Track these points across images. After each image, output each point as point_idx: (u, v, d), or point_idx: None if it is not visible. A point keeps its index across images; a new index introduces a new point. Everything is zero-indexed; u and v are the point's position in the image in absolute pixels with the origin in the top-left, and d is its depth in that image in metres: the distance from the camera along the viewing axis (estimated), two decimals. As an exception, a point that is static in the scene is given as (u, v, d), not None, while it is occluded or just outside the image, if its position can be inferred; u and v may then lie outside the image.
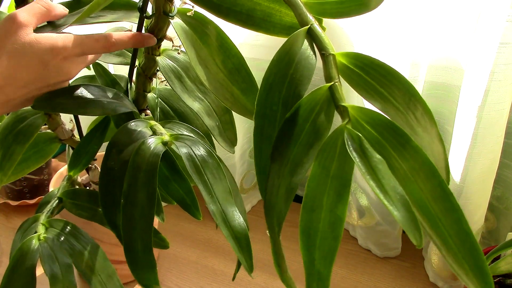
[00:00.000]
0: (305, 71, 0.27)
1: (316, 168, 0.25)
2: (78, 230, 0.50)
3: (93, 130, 0.55)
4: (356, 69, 0.27)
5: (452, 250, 0.26)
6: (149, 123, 0.45)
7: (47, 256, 0.46)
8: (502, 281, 0.59)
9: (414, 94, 0.28)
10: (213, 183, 0.37)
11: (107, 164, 0.41)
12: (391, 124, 0.26)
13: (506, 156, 0.69)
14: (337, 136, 0.25)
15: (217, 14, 0.39)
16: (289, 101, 0.27)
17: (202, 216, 0.50)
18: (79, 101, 0.43)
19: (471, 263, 0.25)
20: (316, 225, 0.25)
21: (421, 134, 0.29)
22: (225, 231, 0.35)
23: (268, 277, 0.73)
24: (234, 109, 0.46)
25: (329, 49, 0.27)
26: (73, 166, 0.58)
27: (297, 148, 0.26)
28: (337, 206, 0.25)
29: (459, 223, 0.26)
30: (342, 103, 0.26)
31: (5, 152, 0.52)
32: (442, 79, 0.65)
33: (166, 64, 0.48)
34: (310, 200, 0.26)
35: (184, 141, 0.40)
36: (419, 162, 0.26)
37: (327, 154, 0.25)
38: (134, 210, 0.38)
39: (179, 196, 0.50)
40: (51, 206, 0.53)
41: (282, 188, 0.27)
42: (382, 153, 0.25)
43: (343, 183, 0.25)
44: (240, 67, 0.47)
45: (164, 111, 0.53)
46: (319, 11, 0.31)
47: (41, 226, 0.49)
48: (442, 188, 0.26)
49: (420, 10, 0.58)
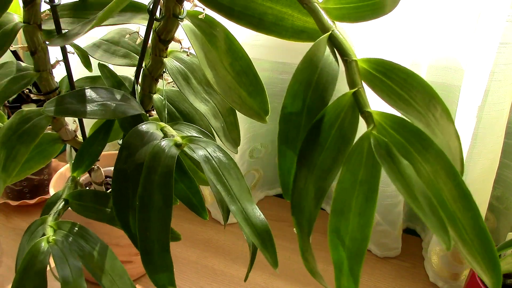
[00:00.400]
0: (329, 77, 0.28)
1: (345, 173, 0.26)
2: (86, 231, 0.50)
3: (97, 131, 0.55)
4: (378, 74, 0.28)
5: (467, 244, 0.27)
6: (159, 125, 0.45)
7: (58, 259, 0.46)
8: (502, 281, 0.60)
9: (434, 96, 0.29)
10: (231, 183, 0.38)
11: (120, 167, 0.41)
12: (415, 128, 0.26)
13: (506, 156, 0.70)
14: (363, 142, 0.26)
15: (229, 17, 0.39)
16: (314, 107, 0.28)
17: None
18: (90, 105, 0.43)
19: (484, 256, 0.27)
20: (345, 227, 0.26)
21: (440, 134, 0.30)
22: (247, 229, 0.36)
23: (268, 277, 0.74)
24: (242, 111, 0.47)
25: (351, 55, 0.28)
26: (76, 167, 0.58)
27: (324, 154, 0.27)
28: (366, 210, 0.26)
29: (475, 220, 0.27)
30: (367, 109, 0.27)
31: (9, 153, 0.52)
32: (442, 79, 0.66)
33: (174, 66, 0.49)
34: (340, 204, 0.26)
35: (199, 143, 0.41)
36: (441, 164, 0.27)
37: (355, 159, 0.26)
38: (150, 213, 0.38)
39: (186, 197, 0.50)
40: (58, 208, 0.53)
41: (311, 192, 0.28)
42: (407, 157, 0.26)
43: (371, 188, 0.26)
44: (248, 70, 0.47)
45: (170, 112, 0.53)
46: (337, 15, 0.31)
47: (50, 228, 0.49)
48: (461, 188, 0.27)
49: (420, 10, 0.59)
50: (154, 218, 0.38)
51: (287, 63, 0.80)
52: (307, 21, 0.38)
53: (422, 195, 0.24)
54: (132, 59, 0.53)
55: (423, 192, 0.24)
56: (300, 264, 0.77)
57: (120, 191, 0.41)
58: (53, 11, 0.46)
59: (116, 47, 0.54)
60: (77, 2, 0.49)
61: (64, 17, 0.48)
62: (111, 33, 0.55)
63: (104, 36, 0.55)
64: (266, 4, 0.38)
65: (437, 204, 0.24)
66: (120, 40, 0.54)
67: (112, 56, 0.53)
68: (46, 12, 0.47)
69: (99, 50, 0.54)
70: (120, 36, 0.54)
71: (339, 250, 0.28)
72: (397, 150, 0.25)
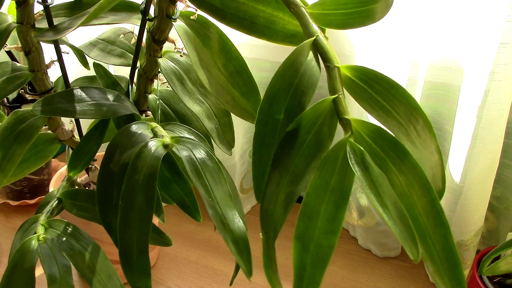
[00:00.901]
0: (309, 82, 0.27)
1: (316, 179, 0.25)
2: (79, 231, 0.50)
3: (92, 130, 0.55)
4: (360, 83, 0.27)
5: (436, 263, 0.27)
6: (150, 125, 0.45)
7: (46, 257, 0.46)
8: (502, 281, 0.59)
9: (415, 108, 0.29)
10: (213, 186, 0.37)
11: (106, 166, 0.41)
12: (392, 138, 0.26)
13: (506, 156, 0.69)
14: (339, 149, 0.25)
15: (221, 19, 0.39)
16: (292, 111, 0.27)
17: (202, 217, 0.50)
18: (80, 105, 0.43)
19: (451, 276, 0.27)
20: (312, 233, 0.26)
21: (420, 147, 0.30)
22: (224, 235, 0.35)
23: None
24: (235, 113, 0.46)
25: (334, 61, 0.27)
26: (72, 166, 0.58)
27: (298, 159, 0.27)
28: (335, 217, 0.25)
29: (445, 239, 0.27)
30: (346, 116, 0.26)
31: (5, 153, 0.52)
32: (442, 79, 0.65)
33: (168, 66, 0.48)
34: (308, 209, 0.26)
35: (185, 143, 0.40)
36: (416, 177, 0.26)
37: (328, 166, 0.25)
38: (131, 213, 0.38)
39: (180, 198, 0.50)
40: (51, 207, 0.53)
41: (281, 196, 0.27)
42: (382, 166, 0.25)
43: (342, 196, 0.25)
44: (241, 70, 0.47)
45: (165, 113, 0.53)
46: (324, 21, 0.31)
47: (41, 227, 0.49)
48: (434, 204, 0.27)
49: (420, 10, 0.58)
50: (134, 219, 0.38)
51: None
52: (298, 25, 0.38)
53: (393, 205, 0.24)
54: (127, 58, 0.53)
55: (395, 202, 0.24)
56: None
57: (105, 190, 0.41)
58: (46, 11, 0.46)
59: (112, 47, 0.54)
60: (72, 2, 0.49)
61: (60, 16, 0.48)
62: (108, 32, 0.55)
63: (101, 35, 0.55)
64: (258, 7, 0.38)
65: (408, 216, 0.24)
66: (116, 40, 0.54)
67: (108, 55, 0.53)
68: (40, 13, 0.47)
69: (95, 49, 0.54)
70: (116, 36, 0.54)
71: (303, 256, 0.27)
72: (372, 159, 0.24)
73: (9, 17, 0.46)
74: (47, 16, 0.46)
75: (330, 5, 0.31)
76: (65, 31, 0.42)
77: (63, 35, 0.42)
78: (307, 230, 0.25)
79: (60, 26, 0.43)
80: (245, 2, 0.38)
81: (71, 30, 0.42)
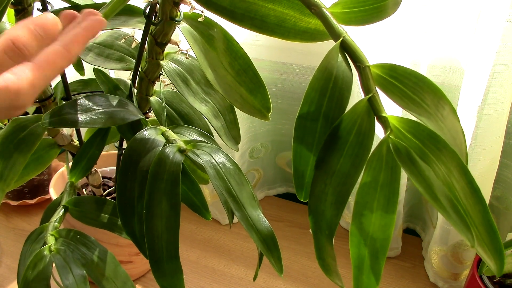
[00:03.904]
0: (343, 84, 0.28)
1: (366, 177, 0.26)
2: (88, 238, 0.50)
3: (94, 136, 0.54)
4: (391, 79, 0.28)
5: (477, 236, 0.29)
6: (160, 129, 0.44)
7: (61, 268, 0.46)
8: (502, 281, 0.60)
9: (441, 97, 0.30)
10: (237, 189, 0.38)
11: (125, 176, 0.41)
12: (429, 131, 0.27)
13: (506, 156, 0.70)
14: (382, 147, 0.26)
15: (232, 20, 0.39)
16: (330, 113, 0.28)
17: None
18: (88, 114, 0.42)
19: (490, 245, 0.29)
20: (367, 227, 0.27)
21: (447, 132, 0.31)
22: (253, 236, 0.36)
23: (268, 277, 0.74)
24: (244, 110, 0.47)
25: (364, 61, 0.28)
26: (74, 172, 0.57)
27: (344, 159, 0.28)
28: (387, 211, 0.26)
29: (484, 214, 0.29)
30: (383, 114, 0.27)
31: (7, 162, 0.51)
32: (442, 79, 0.66)
33: (172, 68, 0.48)
34: (361, 206, 0.27)
35: (202, 148, 0.40)
36: (454, 164, 0.27)
37: (375, 164, 0.26)
38: (158, 221, 0.38)
39: (189, 198, 0.50)
40: (58, 215, 0.52)
41: (330, 196, 0.28)
42: (424, 159, 0.26)
43: (392, 190, 0.26)
44: (247, 68, 0.47)
45: (168, 114, 0.53)
46: (345, 19, 0.31)
47: (51, 237, 0.49)
48: (472, 185, 0.29)
49: (420, 10, 0.59)
50: (162, 227, 0.38)
51: (287, 63, 0.80)
52: (309, 22, 0.38)
53: (442, 195, 0.25)
54: (128, 62, 0.52)
55: (443, 192, 0.25)
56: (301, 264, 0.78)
57: (125, 200, 0.41)
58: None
59: (110, 51, 0.53)
60: (69, 7, 0.48)
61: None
62: (103, 36, 0.54)
63: (96, 39, 0.54)
64: (268, 5, 0.38)
65: (456, 203, 0.25)
66: (114, 43, 0.53)
67: (107, 60, 0.52)
68: (39, 18, 0.46)
69: (91, 53, 0.53)
70: (113, 39, 0.53)
71: (360, 249, 0.29)
72: (415, 153, 0.25)
73: (7, 25, 0.45)
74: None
75: (350, 3, 0.31)
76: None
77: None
78: (362, 226, 0.26)
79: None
80: (255, 1, 0.38)
81: None
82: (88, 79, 0.59)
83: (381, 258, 0.28)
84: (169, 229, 0.38)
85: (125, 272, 0.50)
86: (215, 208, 0.86)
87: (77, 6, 0.48)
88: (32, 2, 0.45)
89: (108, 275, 0.49)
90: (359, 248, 0.28)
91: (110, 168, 0.76)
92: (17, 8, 0.43)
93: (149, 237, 0.38)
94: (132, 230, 0.42)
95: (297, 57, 0.78)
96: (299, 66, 0.80)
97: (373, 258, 0.27)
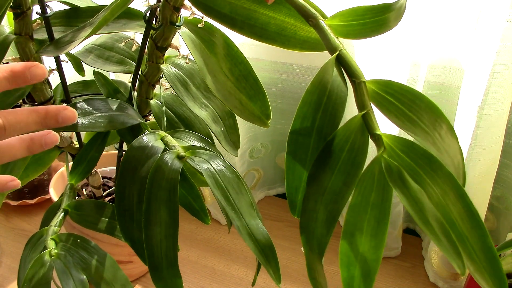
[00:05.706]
0: (338, 99, 0.27)
1: (356, 196, 0.26)
2: (87, 242, 0.50)
3: (94, 138, 0.54)
4: (387, 96, 0.27)
5: (476, 262, 0.28)
6: (159, 134, 0.44)
7: (61, 273, 0.46)
8: None
9: (439, 115, 0.29)
10: (235, 198, 0.37)
11: (123, 182, 0.41)
12: (423, 151, 0.26)
13: (506, 156, 0.70)
14: (374, 166, 0.26)
15: (231, 27, 0.39)
16: (323, 129, 0.27)
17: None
18: (88, 118, 0.42)
19: (491, 273, 0.28)
20: (357, 248, 0.26)
21: (444, 151, 0.30)
22: (251, 245, 0.36)
23: (268, 277, 0.73)
24: (243, 117, 0.46)
25: (360, 76, 0.28)
26: (74, 174, 0.57)
27: (335, 177, 0.27)
28: (378, 232, 0.26)
29: (483, 239, 0.28)
30: (377, 132, 0.26)
31: (7, 165, 0.51)
32: (442, 79, 0.66)
33: (172, 72, 0.48)
34: (351, 226, 0.26)
35: (201, 155, 0.40)
36: (449, 186, 0.27)
37: (366, 183, 0.26)
38: (157, 229, 0.38)
39: (188, 202, 0.50)
40: (58, 219, 0.52)
41: (321, 214, 0.28)
42: (417, 180, 0.26)
43: (382, 211, 0.26)
44: (247, 74, 0.46)
45: (168, 118, 0.53)
46: (343, 32, 0.31)
47: (51, 241, 0.49)
48: (469, 208, 0.28)
49: (420, 10, 0.58)
50: (161, 235, 0.37)
51: (287, 63, 0.79)
52: (310, 31, 0.38)
53: (433, 219, 0.24)
54: (128, 65, 0.52)
55: (435, 215, 0.24)
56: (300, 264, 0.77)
57: (124, 206, 0.41)
58: (46, 22, 0.44)
59: (110, 53, 0.53)
60: (69, 10, 0.48)
61: (56, 25, 0.47)
62: (103, 38, 0.54)
63: (96, 41, 0.54)
64: (269, 14, 0.38)
65: (448, 227, 0.25)
66: (114, 46, 0.53)
67: (107, 62, 0.52)
68: (37, 22, 0.46)
69: (91, 55, 0.53)
70: (113, 41, 0.53)
71: (350, 269, 0.28)
72: (408, 174, 0.25)
73: (6, 28, 0.45)
74: (47, 28, 0.45)
75: (348, 16, 0.31)
76: (67, 45, 0.41)
77: (65, 50, 0.40)
78: (352, 246, 0.26)
79: (62, 40, 0.42)
80: (256, 9, 0.38)
81: (73, 45, 0.40)
82: (88, 80, 0.59)
83: (371, 279, 0.27)
84: (168, 237, 0.38)
85: (124, 276, 0.50)
86: (215, 208, 0.86)
87: (76, 9, 0.48)
88: (31, 5, 0.44)
89: (107, 279, 0.49)
90: (349, 268, 0.27)
91: (110, 168, 0.76)
92: (16, 11, 0.43)
93: (148, 244, 0.38)
94: (131, 236, 0.42)
95: (297, 57, 0.78)
96: (299, 66, 0.80)
97: (363, 278, 0.27)
